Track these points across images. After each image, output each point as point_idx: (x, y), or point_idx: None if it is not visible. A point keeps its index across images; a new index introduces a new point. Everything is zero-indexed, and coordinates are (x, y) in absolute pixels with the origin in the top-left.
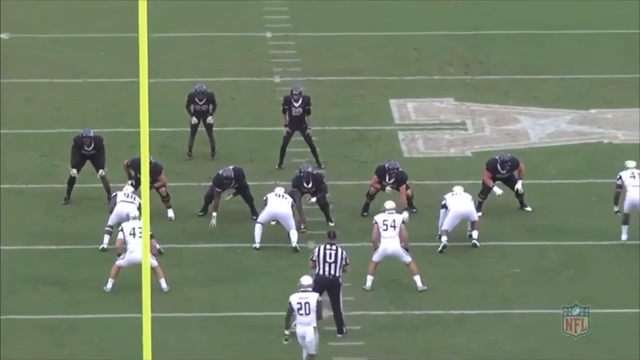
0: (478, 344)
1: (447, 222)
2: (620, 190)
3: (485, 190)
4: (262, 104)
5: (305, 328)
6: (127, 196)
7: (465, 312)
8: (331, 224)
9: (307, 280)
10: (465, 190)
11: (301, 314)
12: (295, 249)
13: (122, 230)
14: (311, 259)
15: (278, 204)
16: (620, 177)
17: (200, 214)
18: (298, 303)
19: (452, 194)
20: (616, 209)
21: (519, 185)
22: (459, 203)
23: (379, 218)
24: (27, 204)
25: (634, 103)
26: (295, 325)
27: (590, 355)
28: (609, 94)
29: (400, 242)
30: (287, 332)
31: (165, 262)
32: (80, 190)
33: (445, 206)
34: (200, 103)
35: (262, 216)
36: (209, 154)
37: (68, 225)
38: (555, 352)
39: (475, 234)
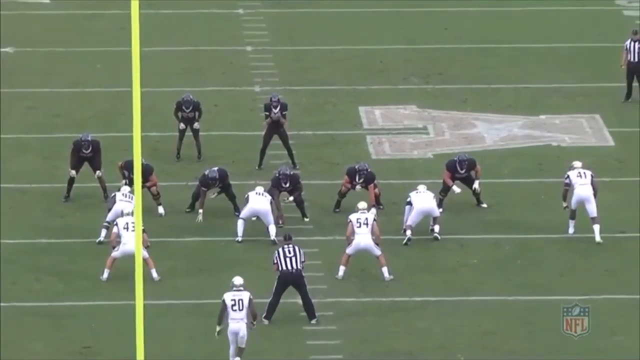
0: (439, 327)
1: (411, 217)
2: (568, 188)
3: (446, 189)
4: (243, 111)
5: (239, 324)
6: (125, 196)
7: (428, 298)
8: (306, 220)
9: (238, 280)
10: (427, 189)
11: (235, 310)
12: (273, 242)
13: (116, 225)
14: (273, 263)
15: (258, 201)
16: (568, 177)
17: (187, 210)
18: (232, 300)
19: (416, 192)
20: (564, 204)
21: (476, 185)
22: (422, 201)
23: (353, 217)
24: (30, 202)
25: (578, 110)
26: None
27: (536, 337)
28: (556, 101)
29: (373, 237)
30: (218, 328)
31: (155, 255)
32: (78, 189)
33: (409, 203)
34: (187, 110)
35: (244, 212)
36: (196, 157)
37: (67, 220)
38: (506, 334)
39: (437, 228)
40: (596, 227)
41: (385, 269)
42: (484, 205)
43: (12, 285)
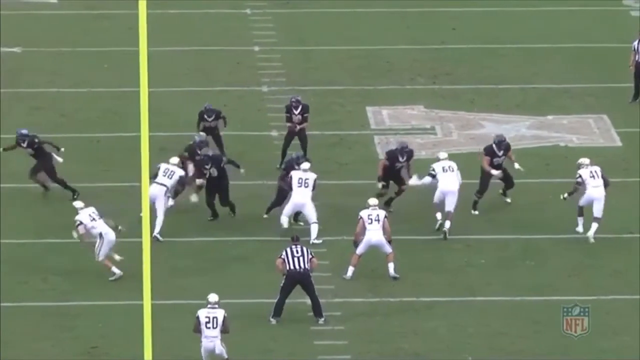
0: (446, 327)
1: (436, 196)
2: (579, 187)
3: (483, 187)
4: (251, 111)
5: (212, 342)
6: (165, 174)
7: (435, 299)
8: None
9: (213, 297)
10: (450, 159)
11: (208, 327)
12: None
13: (81, 223)
14: (279, 257)
15: (300, 194)
16: (580, 176)
17: (210, 219)
18: (206, 317)
19: (441, 166)
20: (565, 195)
21: (517, 165)
22: (447, 181)
23: (364, 213)
24: (34, 201)
25: (586, 110)
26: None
27: (543, 337)
28: (564, 102)
29: (384, 234)
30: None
31: (163, 254)
32: (84, 189)
33: (432, 175)
34: (209, 120)
35: (287, 209)
36: None
37: (72, 220)
38: (513, 335)
39: (447, 224)
40: (594, 226)
41: (391, 265)
42: (508, 200)
43: (20, 285)
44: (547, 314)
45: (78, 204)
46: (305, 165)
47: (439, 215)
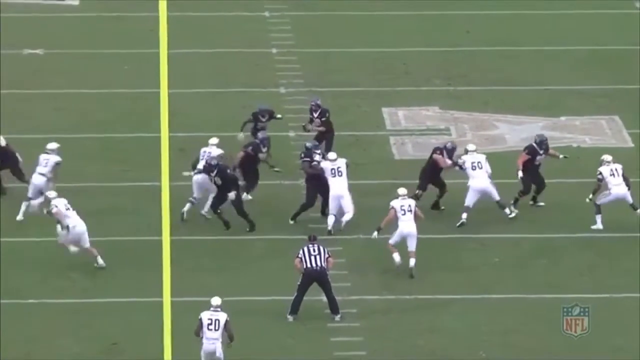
0: (461, 325)
1: (468, 198)
2: (600, 184)
3: (526, 186)
4: None
5: (213, 345)
6: (203, 157)
7: (450, 297)
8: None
9: (216, 300)
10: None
11: (210, 329)
12: (329, 232)
13: (57, 206)
14: (297, 256)
15: (338, 184)
16: (601, 173)
17: (248, 230)
18: (209, 319)
19: (471, 160)
20: (591, 197)
21: (561, 156)
22: (478, 179)
23: (396, 204)
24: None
25: (598, 111)
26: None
27: (556, 335)
28: (577, 103)
29: (416, 221)
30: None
31: (181, 252)
32: (101, 189)
33: (460, 166)
34: (264, 120)
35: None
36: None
37: (95, 219)
38: (527, 332)
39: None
40: None
41: (413, 260)
42: (542, 204)
43: (42, 282)
44: (560, 312)
45: (52, 193)
46: (332, 155)
47: (464, 216)
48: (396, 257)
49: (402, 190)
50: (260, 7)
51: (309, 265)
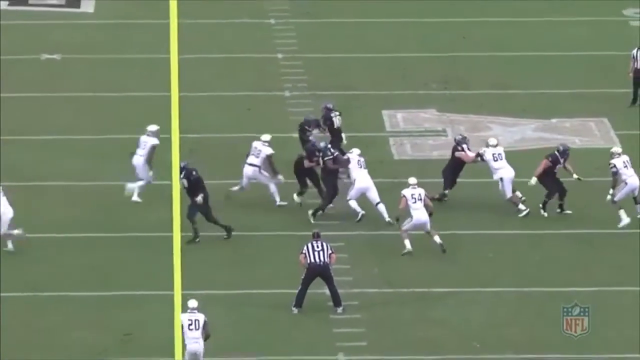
0: (456, 317)
1: (505, 189)
2: (617, 177)
3: (551, 190)
4: (274, 115)
5: (197, 344)
6: (253, 152)
7: (446, 290)
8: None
9: (192, 303)
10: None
11: (191, 329)
12: (389, 222)
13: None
14: (301, 252)
15: (363, 177)
16: (615, 165)
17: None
18: (189, 320)
19: (494, 154)
20: (611, 192)
21: (575, 175)
22: (505, 170)
23: (407, 192)
24: (76, 198)
25: (588, 114)
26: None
27: (551, 329)
28: (567, 106)
29: (427, 209)
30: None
31: (193, 247)
32: (120, 187)
33: (481, 157)
34: (310, 129)
35: (352, 193)
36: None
37: (112, 216)
38: (521, 325)
39: (523, 207)
40: None
41: (437, 238)
42: (569, 212)
43: (62, 276)
44: (555, 306)
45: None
46: (412, 180)
47: (521, 206)
48: (407, 243)
49: (412, 180)
50: (266, 15)
51: (312, 260)
